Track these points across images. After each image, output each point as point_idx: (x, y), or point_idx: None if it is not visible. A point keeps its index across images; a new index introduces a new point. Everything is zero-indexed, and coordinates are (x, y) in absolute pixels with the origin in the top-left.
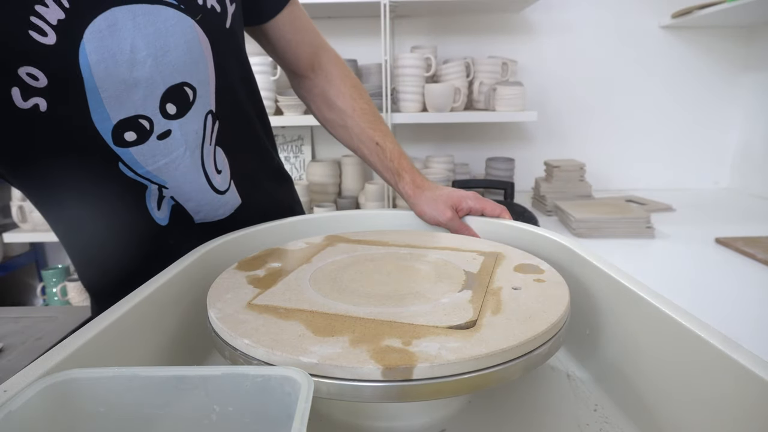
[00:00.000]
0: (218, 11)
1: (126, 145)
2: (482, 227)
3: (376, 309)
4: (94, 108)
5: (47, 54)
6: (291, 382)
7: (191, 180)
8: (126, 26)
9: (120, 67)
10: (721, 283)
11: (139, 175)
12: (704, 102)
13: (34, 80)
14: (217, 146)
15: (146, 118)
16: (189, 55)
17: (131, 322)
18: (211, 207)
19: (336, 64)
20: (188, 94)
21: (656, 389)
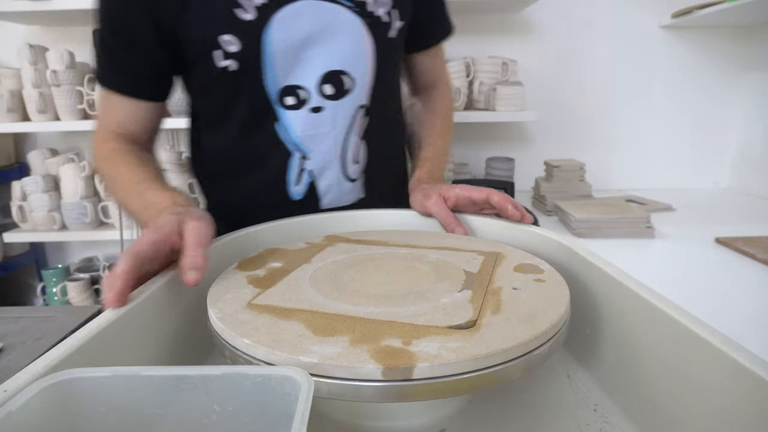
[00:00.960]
0: (384, 21)
1: (285, 107)
2: (482, 227)
3: (376, 309)
4: (268, 72)
5: (245, 27)
6: (291, 381)
7: (330, 159)
8: (307, 15)
9: (293, 45)
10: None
11: (290, 139)
12: (704, 102)
13: (230, 46)
14: (362, 139)
15: (304, 90)
16: (353, 49)
17: (131, 322)
18: (339, 191)
19: (443, 91)
20: (345, 82)
21: (656, 389)
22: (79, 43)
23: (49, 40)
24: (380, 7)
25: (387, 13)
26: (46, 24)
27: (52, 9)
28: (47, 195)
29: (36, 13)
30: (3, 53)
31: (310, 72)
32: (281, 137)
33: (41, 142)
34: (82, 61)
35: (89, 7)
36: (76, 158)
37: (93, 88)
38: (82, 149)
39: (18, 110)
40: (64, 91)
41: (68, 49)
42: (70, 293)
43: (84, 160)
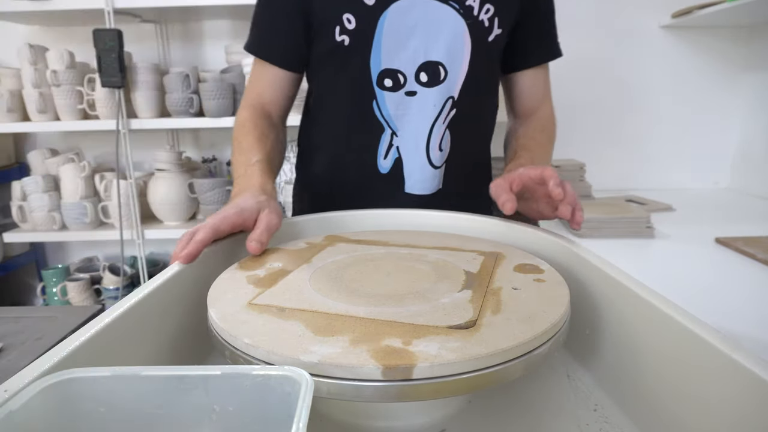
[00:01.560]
0: (486, 25)
1: (383, 88)
2: (482, 227)
3: (376, 309)
4: (374, 53)
5: (364, 9)
6: (291, 381)
7: (415, 140)
8: (418, 9)
9: (401, 33)
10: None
11: (383, 117)
12: (704, 102)
13: (348, 23)
14: (448, 129)
15: (402, 75)
16: (452, 44)
17: (131, 321)
18: (422, 175)
19: (545, 112)
20: (440, 73)
21: (656, 389)
22: (79, 43)
23: (49, 40)
24: (484, 13)
25: (489, 19)
26: (46, 24)
27: (52, 9)
28: (47, 195)
29: (36, 13)
30: (3, 53)
31: (411, 59)
32: (376, 114)
33: (41, 142)
34: (82, 61)
35: (89, 7)
36: (76, 158)
37: (93, 88)
38: (82, 149)
39: (18, 110)
40: (64, 91)
41: (68, 49)
42: (70, 293)
43: (84, 160)
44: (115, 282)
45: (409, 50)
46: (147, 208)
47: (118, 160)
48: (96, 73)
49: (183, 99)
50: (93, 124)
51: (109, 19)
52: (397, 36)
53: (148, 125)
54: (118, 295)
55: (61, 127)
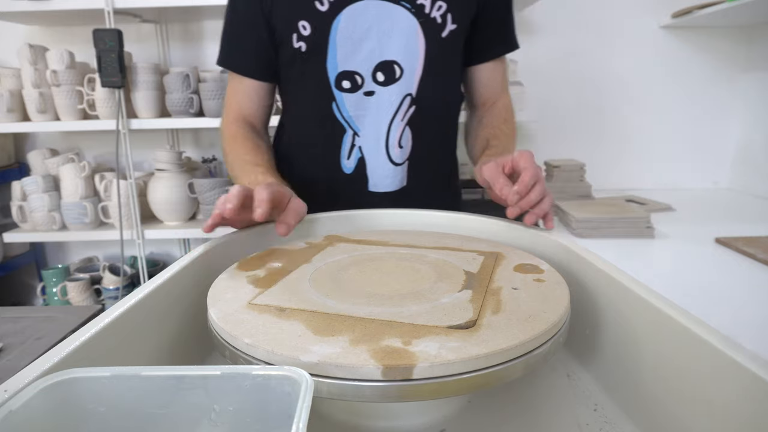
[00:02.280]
0: (438, 22)
1: (342, 90)
2: (482, 227)
3: (376, 309)
4: (330, 57)
5: (318, 15)
6: (291, 381)
7: (376, 139)
8: (371, 12)
9: (355, 35)
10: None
11: (344, 118)
12: (704, 102)
13: (304, 30)
14: (408, 126)
15: (360, 76)
16: (406, 43)
17: (131, 321)
18: (383, 172)
19: (504, 104)
20: (396, 71)
21: (656, 389)
22: (79, 43)
23: (49, 40)
24: (436, 10)
25: (441, 16)
26: (46, 24)
27: (52, 9)
28: (47, 195)
29: (36, 13)
30: (3, 53)
31: (367, 60)
32: (337, 115)
33: (41, 142)
34: (82, 61)
35: (89, 7)
36: (76, 158)
37: (93, 88)
38: (82, 149)
39: (18, 110)
40: (64, 91)
41: (68, 49)
42: (70, 293)
43: (84, 160)
44: (115, 282)
45: (364, 51)
46: (147, 208)
47: (118, 160)
48: (96, 73)
49: (183, 99)
50: (93, 124)
51: (109, 19)
52: (351, 39)
53: (148, 125)
54: (118, 295)
55: (61, 127)
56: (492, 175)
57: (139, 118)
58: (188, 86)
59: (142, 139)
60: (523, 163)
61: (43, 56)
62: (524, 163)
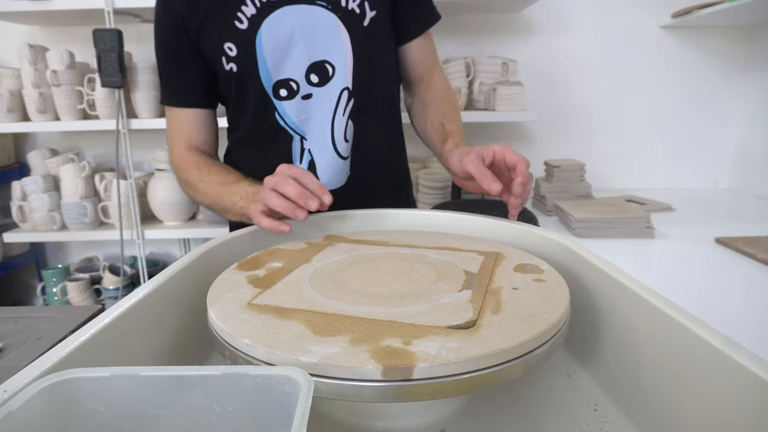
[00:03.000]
0: (357, 13)
1: (280, 99)
2: (481, 227)
3: (376, 309)
4: (262, 70)
5: (240, 34)
6: (291, 381)
7: (322, 138)
8: (290, 18)
9: (281, 44)
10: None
11: (288, 125)
12: (704, 102)
13: (231, 51)
14: (350, 119)
15: (295, 82)
16: (330, 40)
17: (131, 321)
18: (334, 169)
19: (440, 79)
20: (328, 70)
21: (656, 389)
22: (79, 43)
23: (49, 40)
24: (352, 2)
25: (359, 6)
26: (46, 24)
27: (52, 9)
28: (47, 195)
29: (36, 13)
30: (3, 53)
31: (298, 65)
32: (281, 124)
33: (41, 142)
34: (82, 61)
35: (89, 7)
36: (76, 158)
37: (93, 88)
38: (82, 149)
39: (18, 110)
40: (64, 91)
41: (68, 49)
42: (70, 293)
43: (84, 160)
44: (115, 282)
45: (293, 57)
46: (147, 208)
47: (118, 160)
48: (96, 73)
49: None
50: (93, 124)
51: (109, 19)
52: (277, 48)
53: (148, 125)
54: (118, 295)
55: (61, 127)
56: (478, 171)
57: (139, 118)
58: None
59: (142, 139)
60: (510, 157)
61: (43, 56)
62: (512, 158)
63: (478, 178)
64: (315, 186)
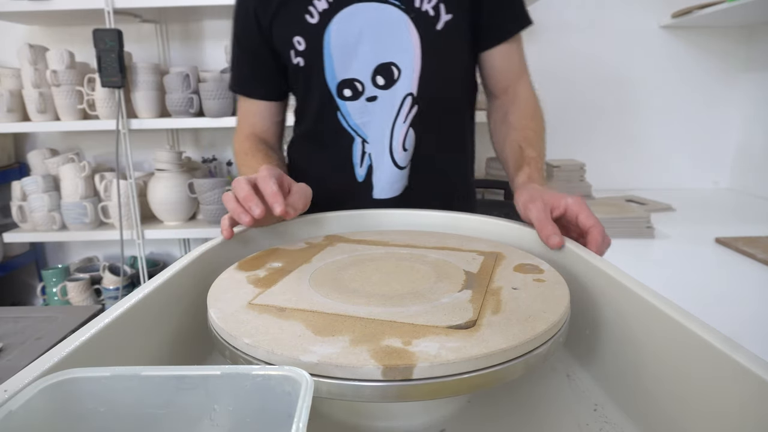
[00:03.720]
0: (431, 15)
1: (344, 99)
2: (481, 227)
3: (376, 309)
4: (328, 68)
5: (309, 29)
6: (291, 381)
7: (381, 143)
8: (360, 16)
9: (349, 42)
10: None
11: (350, 126)
12: (704, 102)
13: (299, 45)
14: (411, 127)
15: (360, 82)
16: (400, 42)
17: (131, 321)
18: (388, 178)
19: (526, 91)
20: (394, 72)
21: (656, 389)
22: (79, 43)
23: (49, 40)
24: (426, 3)
25: (434, 8)
26: (46, 24)
27: (52, 9)
28: (47, 195)
29: (36, 13)
30: (3, 53)
31: (364, 65)
32: (343, 125)
33: (41, 142)
34: (82, 61)
35: (89, 7)
36: (76, 158)
37: (93, 88)
38: (82, 149)
39: (18, 110)
40: (64, 91)
41: (68, 49)
42: (70, 293)
43: (84, 160)
44: (115, 282)
45: (359, 57)
46: (147, 208)
47: (118, 160)
48: (96, 73)
49: (183, 99)
50: (93, 124)
51: (109, 19)
52: (345, 46)
53: (148, 125)
54: (118, 295)
55: (61, 127)
56: (539, 219)
57: (139, 118)
58: (188, 86)
59: (142, 139)
60: (585, 220)
61: (43, 56)
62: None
63: (538, 226)
64: (269, 192)
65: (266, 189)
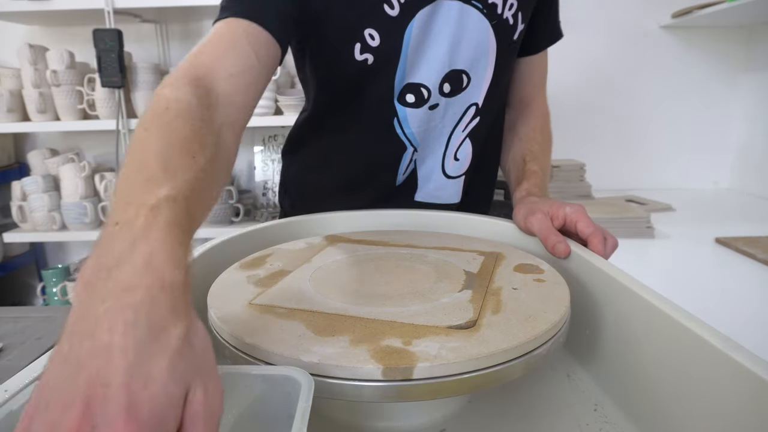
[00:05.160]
0: (511, 23)
1: (405, 105)
2: (480, 226)
3: (376, 309)
4: (399, 69)
5: (389, 22)
6: (291, 381)
7: (432, 150)
8: (442, 15)
9: (424, 43)
10: (721, 283)
11: (405, 135)
12: (704, 102)
13: (372, 40)
14: (468, 137)
15: (426, 88)
16: (476, 50)
17: None
18: (435, 184)
19: (540, 105)
20: (463, 80)
21: (656, 389)
22: (79, 43)
23: (49, 40)
24: (507, 10)
25: (513, 16)
26: (46, 24)
27: (52, 9)
28: (47, 195)
29: (36, 13)
30: (3, 53)
31: (435, 71)
32: (398, 132)
33: (41, 142)
34: (82, 61)
35: (89, 7)
36: (76, 158)
37: (93, 88)
38: (82, 149)
39: (18, 110)
40: (64, 91)
41: (68, 49)
42: (70, 293)
43: (84, 160)
44: None
45: (431, 61)
46: None
47: (118, 160)
48: (96, 73)
49: None
50: (93, 124)
51: (109, 19)
52: (420, 47)
53: None
54: None
55: (61, 127)
56: (541, 229)
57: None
58: None
59: None
60: (584, 228)
61: (43, 56)
62: (586, 231)
63: (542, 237)
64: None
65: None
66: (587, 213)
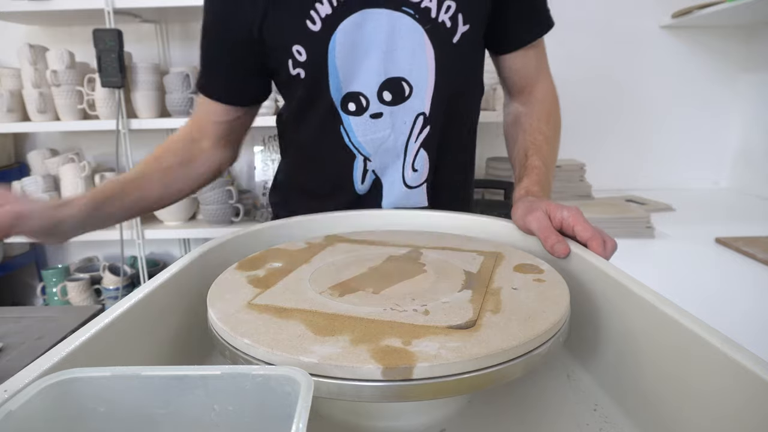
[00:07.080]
0: (448, 26)
1: (348, 113)
2: (481, 227)
3: (376, 309)
4: (332, 80)
5: (312, 37)
6: (291, 381)
7: (390, 164)
8: (369, 24)
9: (356, 52)
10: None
11: (352, 143)
12: (704, 102)
13: (299, 55)
14: (422, 148)
15: (364, 97)
16: (412, 56)
17: (131, 321)
18: (398, 195)
19: (543, 91)
20: (404, 89)
21: (656, 389)
22: (79, 43)
23: (49, 40)
24: (444, 13)
25: (451, 18)
26: (46, 24)
27: (52, 9)
28: (47, 195)
29: (36, 13)
30: (3, 53)
31: (371, 79)
32: (345, 140)
33: (41, 142)
34: (82, 61)
35: (89, 7)
36: (76, 158)
37: (93, 88)
38: (82, 149)
39: (18, 110)
40: (64, 91)
41: (68, 49)
42: (70, 293)
43: (84, 160)
44: (115, 282)
45: (366, 70)
46: None
47: (118, 160)
48: (96, 73)
49: (183, 99)
50: (93, 124)
51: (109, 19)
52: (352, 56)
53: (148, 125)
54: (118, 295)
55: (61, 127)
56: (540, 228)
57: (139, 118)
58: (188, 86)
59: (142, 139)
60: (582, 233)
61: (43, 56)
62: (584, 235)
63: (541, 237)
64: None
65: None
66: (584, 215)
